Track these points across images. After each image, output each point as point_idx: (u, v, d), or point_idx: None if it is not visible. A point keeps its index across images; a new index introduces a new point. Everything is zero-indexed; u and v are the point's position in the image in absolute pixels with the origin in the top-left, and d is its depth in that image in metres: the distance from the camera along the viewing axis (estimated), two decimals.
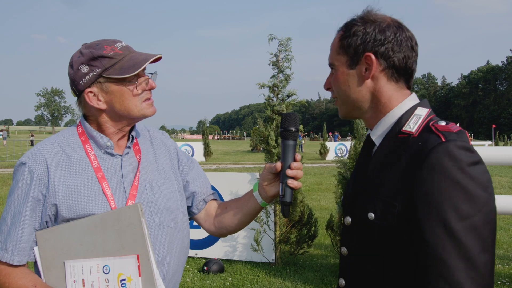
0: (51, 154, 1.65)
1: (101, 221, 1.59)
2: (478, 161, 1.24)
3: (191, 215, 1.98)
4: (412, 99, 1.46)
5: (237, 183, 6.55)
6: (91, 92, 1.66)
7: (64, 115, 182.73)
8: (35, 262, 1.65)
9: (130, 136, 1.79)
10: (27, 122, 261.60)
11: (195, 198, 1.95)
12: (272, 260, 6.51)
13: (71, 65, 1.68)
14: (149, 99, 1.73)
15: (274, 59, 6.57)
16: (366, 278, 1.41)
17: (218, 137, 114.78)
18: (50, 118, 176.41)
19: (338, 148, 29.98)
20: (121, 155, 1.75)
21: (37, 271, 1.65)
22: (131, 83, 1.67)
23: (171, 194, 1.81)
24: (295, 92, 6.51)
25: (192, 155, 27.47)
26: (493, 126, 44.11)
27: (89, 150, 1.70)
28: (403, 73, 1.44)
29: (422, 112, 1.40)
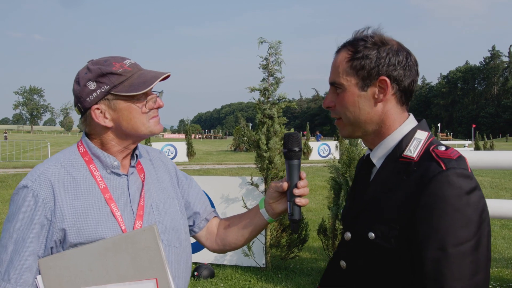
0: (55, 175, 1.56)
1: (113, 245, 1.51)
2: (475, 187, 1.31)
3: (192, 234, 1.95)
4: (411, 121, 1.51)
5: (228, 187, 6.51)
6: (98, 109, 1.60)
7: (43, 114, 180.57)
8: None
9: (134, 155, 1.74)
10: (4, 121, 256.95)
11: (197, 217, 1.93)
12: (263, 264, 6.46)
13: (77, 82, 1.61)
14: (156, 116, 1.68)
15: (264, 62, 6.53)
16: None
17: (200, 136, 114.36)
18: (29, 117, 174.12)
19: (321, 148, 30.13)
20: (126, 175, 1.69)
21: None
22: (140, 101, 1.61)
23: (175, 214, 1.77)
24: (285, 96, 6.48)
25: (175, 155, 27.31)
26: (473, 126, 44.86)
27: (94, 171, 1.62)
28: (409, 96, 1.51)
29: (422, 136, 1.46)
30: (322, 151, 29.83)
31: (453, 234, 1.26)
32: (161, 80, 1.63)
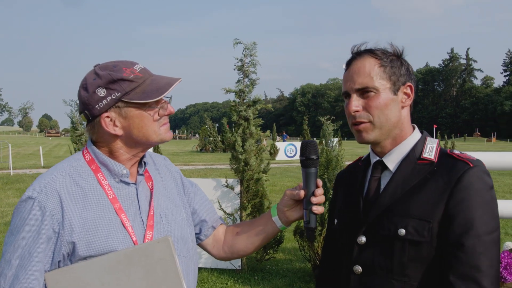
0: (62, 186, 1.49)
1: (125, 257, 1.46)
2: (493, 184, 1.47)
3: (198, 242, 1.91)
4: (418, 130, 1.66)
5: (202, 189, 6.43)
6: (108, 117, 1.53)
7: (0, 114, 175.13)
8: None
9: (142, 163, 1.68)
10: None
11: (204, 225, 1.89)
12: (239, 266, 6.44)
13: (85, 88, 1.53)
14: (166, 123, 1.63)
15: (240, 63, 6.51)
16: None
17: None
18: None
19: (288, 148, 30.30)
20: (135, 184, 1.63)
21: None
22: (152, 108, 1.55)
23: (183, 222, 1.73)
24: (261, 98, 6.48)
25: None
26: (434, 126, 46.10)
27: (102, 180, 1.56)
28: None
29: (433, 143, 1.61)
30: (289, 151, 30.00)
31: (485, 223, 1.40)
32: None
